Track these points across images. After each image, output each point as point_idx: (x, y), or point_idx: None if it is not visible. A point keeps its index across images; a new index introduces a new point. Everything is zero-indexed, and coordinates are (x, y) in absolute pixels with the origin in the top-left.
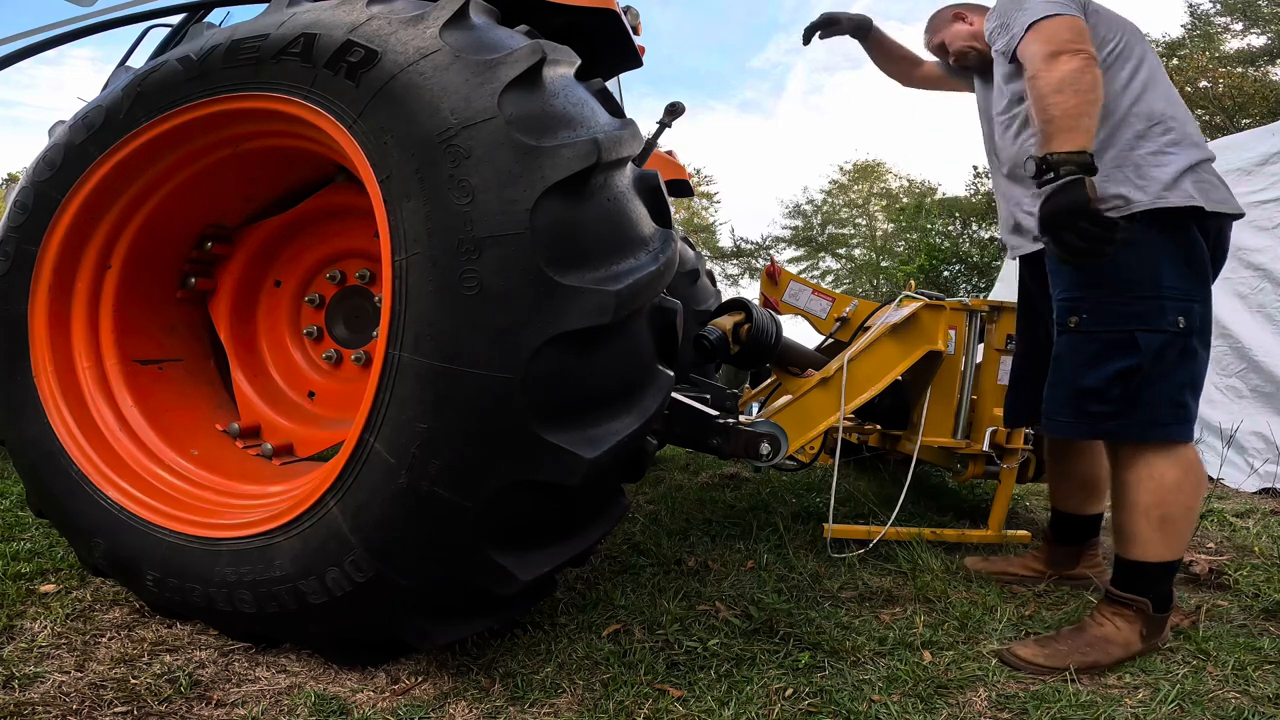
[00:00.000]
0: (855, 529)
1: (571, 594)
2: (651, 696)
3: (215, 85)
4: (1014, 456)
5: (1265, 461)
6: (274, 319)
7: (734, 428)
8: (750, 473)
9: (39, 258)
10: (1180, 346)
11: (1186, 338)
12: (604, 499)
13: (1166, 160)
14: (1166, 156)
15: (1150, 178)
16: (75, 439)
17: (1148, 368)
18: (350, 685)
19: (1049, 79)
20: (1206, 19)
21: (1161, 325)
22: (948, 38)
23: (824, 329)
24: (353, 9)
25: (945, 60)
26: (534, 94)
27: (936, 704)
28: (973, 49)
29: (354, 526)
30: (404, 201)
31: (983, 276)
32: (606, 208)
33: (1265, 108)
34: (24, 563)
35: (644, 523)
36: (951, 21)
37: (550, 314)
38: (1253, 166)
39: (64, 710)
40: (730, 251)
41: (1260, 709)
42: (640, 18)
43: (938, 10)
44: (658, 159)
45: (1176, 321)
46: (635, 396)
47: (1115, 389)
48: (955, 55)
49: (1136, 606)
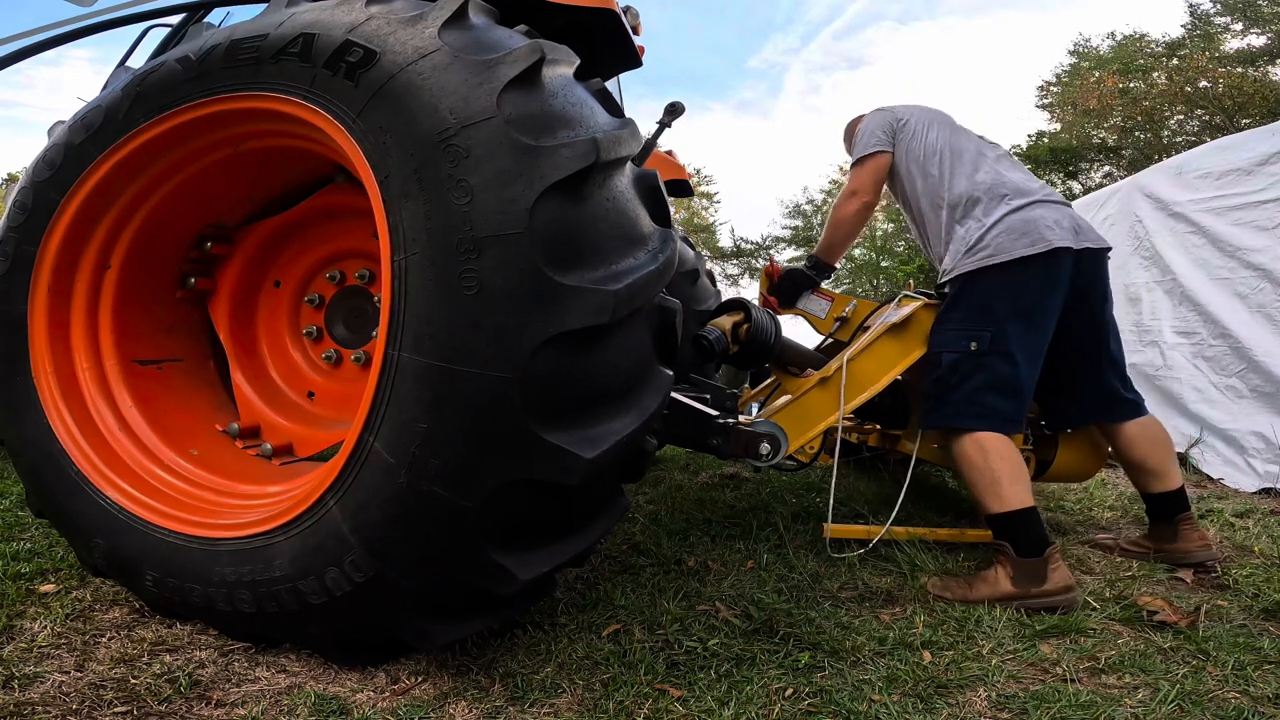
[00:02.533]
0: (855, 529)
1: (571, 594)
2: (651, 696)
3: (214, 85)
4: None
5: (1266, 461)
6: (274, 319)
7: (734, 428)
8: (750, 473)
9: (38, 258)
10: (975, 362)
11: (980, 356)
12: (603, 499)
13: (969, 230)
14: (968, 227)
15: (955, 250)
16: (75, 439)
17: (946, 377)
18: (350, 685)
19: (840, 212)
20: (1206, 19)
21: (957, 347)
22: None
23: (823, 329)
24: (352, 9)
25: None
26: (533, 94)
27: (936, 704)
28: None
29: (353, 526)
30: (403, 201)
31: None
32: (606, 207)
33: (1265, 108)
34: (24, 563)
35: (644, 523)
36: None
37: (549, 314)
38: (1253, 166)
39: (64, 710)
40: (730, 251)
41: (1260, 709)
42: (640, 18)
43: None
44: (657, 159)
45: (969, 345)
46: (635, 396)
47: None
48: None
49: (1003, 551)
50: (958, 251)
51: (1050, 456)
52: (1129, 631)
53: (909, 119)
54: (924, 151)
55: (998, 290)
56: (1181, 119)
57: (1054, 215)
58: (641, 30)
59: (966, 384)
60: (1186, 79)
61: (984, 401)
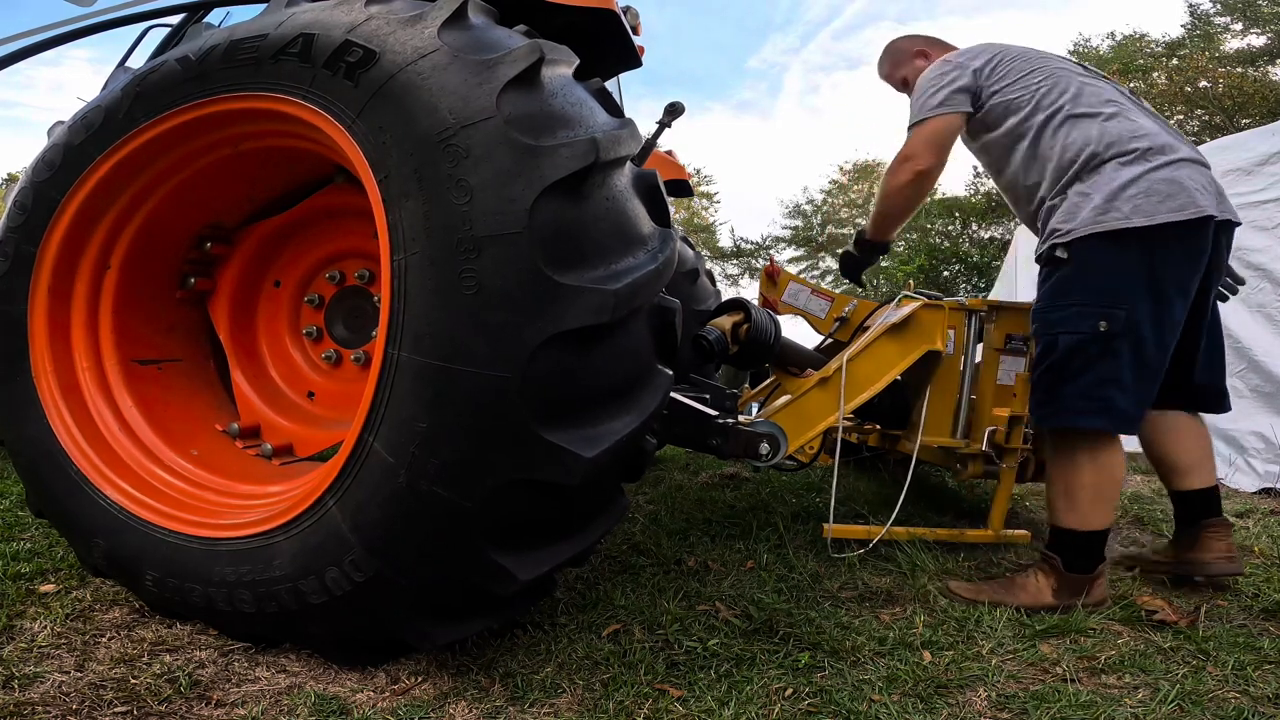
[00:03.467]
0: (855, 529)
1: (571, 594)
2: (651, 696)
3: (214, 85)
4: (1013, 456)
5: (1266, 461)
6: (273, 319)
7: (733, 428)
8: (750, 473)
9: (38, 258)
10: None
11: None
12: (603, 498)
13: (1096, 186)
14: (1093, 183)
15: (1072, 209)
16: (75, 439)
17: (1065, 364)
18: (350, 685)
19: (890, 182)
20: (1206, 19)
21: (1081, 327)
22: (909, 74)
23: (823, 329)
24: (351, 9)
25: (899, 90)
26: (532, 93)
27: (936, 704)
28: None
29: (353, 526)
30: (403, 201)
31: (982, 276)
32: (605, 207)
33: (1265, 108)
34: (24, 563)
35: (644, 523)
36: (913, 58)
37: (549, 313)
38: (1253, 166)
39: (64, 710)
40: (730, 251)
41: (1260, 709)
42: (640, 18)
43: (897, 42)
44: (657, 159)
45: (1098, 325)
46: (634, 396)
47: (1043, 382)
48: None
49: (1051, 563)
50: (1076, 210)
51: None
52: (1129, 631)
53: (998, 59)
54: (1027, 94)
55: (1134, 260)
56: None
57: (1201, 178)
58: (641, 30)
59: (1088, 373)
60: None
61: (1107, 396)
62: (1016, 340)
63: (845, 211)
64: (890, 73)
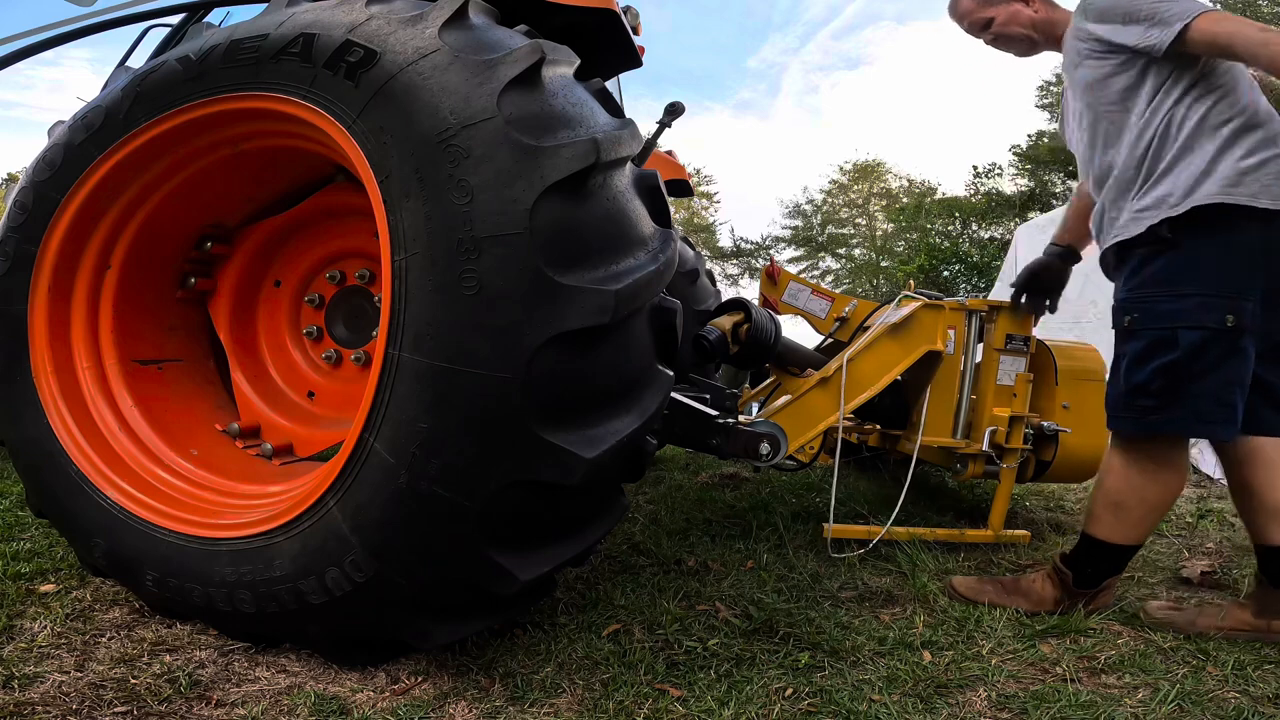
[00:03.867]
0: (855, 529)
1: (571, 594)
2: (651, 696)
3: (214, 85)
4: (1013, 456)
5: None
6: (274, 319)
7: (734, 428)
8: (750, 473)
9: (39, 258)
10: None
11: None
12: (604, 499)
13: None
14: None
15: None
16: (75, 439)
17: (1187, 364)
18: (350, 685)
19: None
20: None
21: (1206, 320)
22: (1002, 16)
23: (823, 329)
24: (352, 9)
25: (975, 34)
26: (533, 94)
27: (936, 704)
28: (1029, 39)
29: (354, 526)
30: (403, 201)
31: (983, 276)
32: (606, 207)
33: None
34: (24, 563)
35: (644, 523)
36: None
37: (550, 314)
38: None
39: (64, 710)
40: (730, 251)
41: (1260, 709)
42: (640, 18)
43: None
44: (658, 159)
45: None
46: (635, 396)
47: (1156, 383)
48: (1001, 36)
49: (1062, 577)
50: (1196, 176)
51: (1051, 456)
52: (1129, 631)
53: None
54: None
55: (1258, 247)
56: None
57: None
58: (641, 30)
59: (1214, 374)
60: None
61: (1234, 402)
62: (1017, 340)
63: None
64: (971, 9)
